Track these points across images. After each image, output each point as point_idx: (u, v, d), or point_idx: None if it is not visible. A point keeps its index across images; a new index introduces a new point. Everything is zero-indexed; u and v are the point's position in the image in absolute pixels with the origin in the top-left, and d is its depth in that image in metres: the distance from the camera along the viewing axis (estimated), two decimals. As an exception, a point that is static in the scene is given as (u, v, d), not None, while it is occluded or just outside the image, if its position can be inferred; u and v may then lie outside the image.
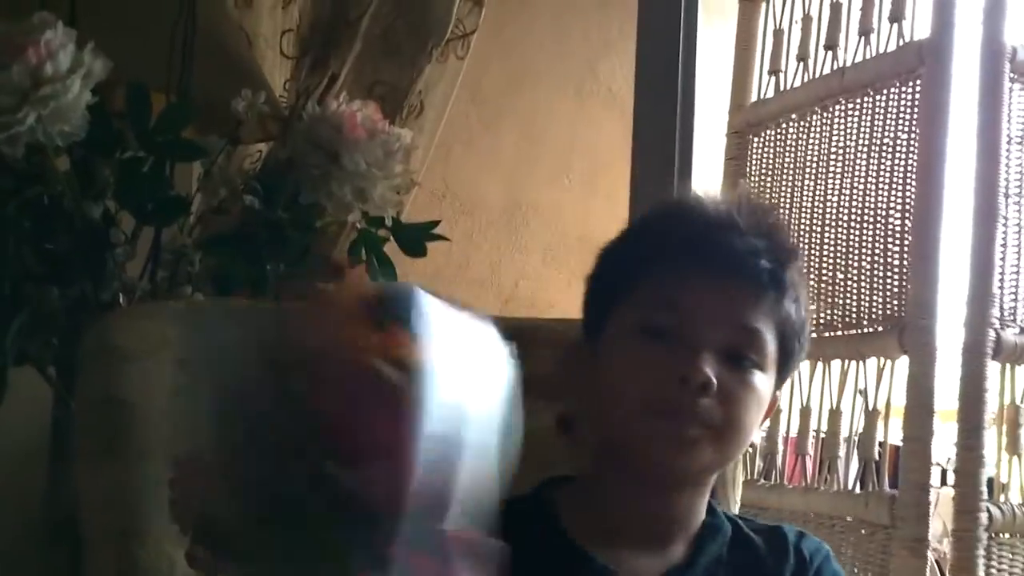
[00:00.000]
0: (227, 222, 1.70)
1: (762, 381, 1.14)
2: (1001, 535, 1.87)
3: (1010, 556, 1.89)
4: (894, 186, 2.05)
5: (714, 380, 1.09)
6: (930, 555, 1.95)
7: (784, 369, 1.18)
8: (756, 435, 1.18)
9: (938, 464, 2.00)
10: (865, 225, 2.11)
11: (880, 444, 2.05)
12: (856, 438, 2.09)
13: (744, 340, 1.13)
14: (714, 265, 1.13)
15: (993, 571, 1.86)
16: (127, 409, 1.37)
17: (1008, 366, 1.96)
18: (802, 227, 2.29)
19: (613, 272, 1.20)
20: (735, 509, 1.53)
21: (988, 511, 1.84)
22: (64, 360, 1.62)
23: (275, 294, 1.69)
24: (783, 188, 2.37)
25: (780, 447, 2.27)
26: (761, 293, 1.13)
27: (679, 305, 1.13)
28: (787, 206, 2.34)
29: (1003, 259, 1.93)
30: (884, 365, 2.02)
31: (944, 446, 2.60)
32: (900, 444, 1.96)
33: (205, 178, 1.70)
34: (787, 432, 2.27)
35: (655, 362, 1.11)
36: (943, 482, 2.81)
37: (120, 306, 1.59)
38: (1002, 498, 1.94)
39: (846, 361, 2.11)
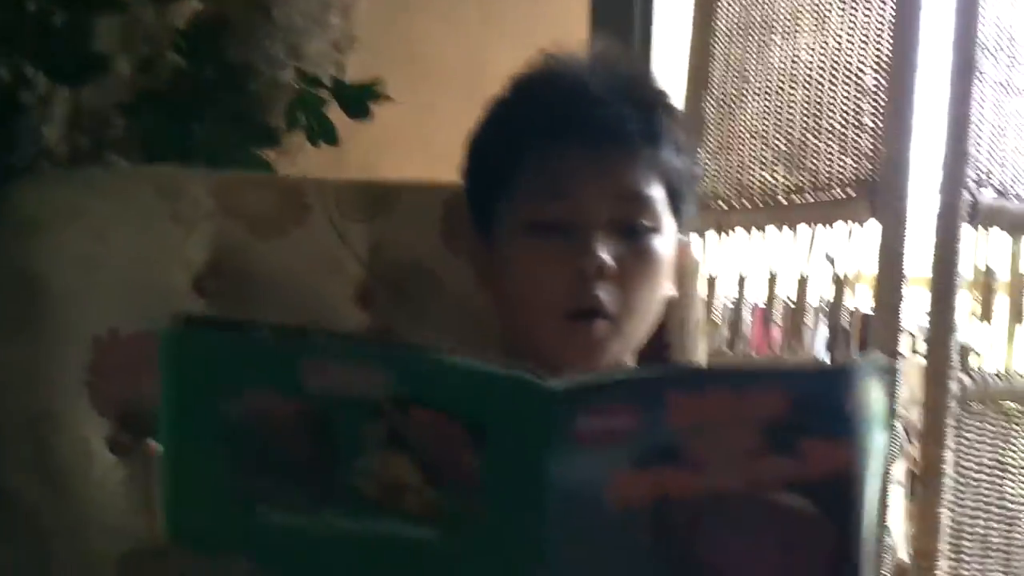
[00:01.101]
0: (152, 82, 1.58)
1: (660, 242, 1.13)
2: (972, 404, 1.81)
3: (979, 424, 1.83)
4: (868, 41, 1.95)
5: (611, 263, 1.08)
6: (898, 423, 1.89)
7: (680, 215, 1.16)
8: (670, 289, 1.17)
9: (908, 332, 1.92)
10: (837, 83, 2.01)
11: (849, 312, 1.97)
12: (824, 306, 2.01)
13: (632, 208, 1.11)
14: (585, 140, 1.10)
15: (963, 440, 1.80)
16: (39, 283, 1.29)
17: (983, 230, 1.87)
18: (771, 86, 2.18)
19: (485, 165, 1.18)
20: (700, 353, 1.46)
21: (959, 380, 1.76)
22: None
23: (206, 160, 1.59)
24: (752, 44, 2.26)
25: (746, 315, 2.19)
26: (637, 153, 1.11)
27: (560, 191, 1.11)
28: (755, 63, 2.23)
29: (980, 118, 1.83)
30: (853, 230, 1.92)
31: (915, 314, 2.53)
32: (870, 312, 1.88)
33: (126, 34, 1.58)
34: (753, 300, 2.19)
35: (548, 260, 1.10)
36: (913, 350, 2.75)
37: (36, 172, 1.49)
38: (974, 366, 1.87)
39: (814, 226, 2.02)
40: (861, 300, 1.99)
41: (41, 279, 1.29)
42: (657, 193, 1.12)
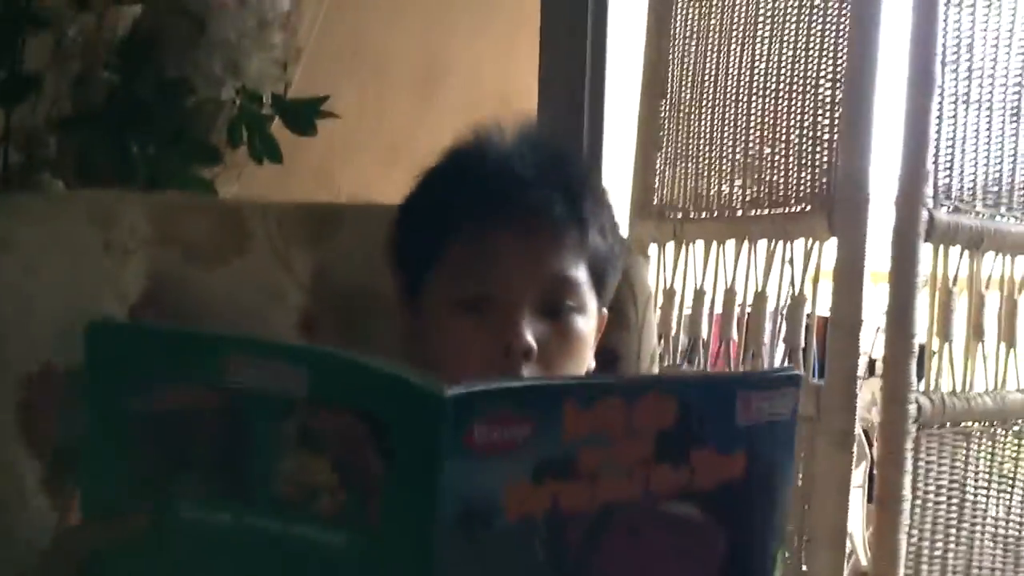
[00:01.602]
0: (85, 101, 1.53)
1: (583, 321, 1.14)
2: (931, 427, 1.77)
3: (938, 447, 1.80)
4: (824, 53, 1.90)
5: (534, 345, 1.09)
6: (858, 427, 1.86)
7: (603, 292, 1.19)
8: (590, 362, 1.19)
9: (866, 353, 1.88)
10: (794, 95, 1.97)
11: (807, 327, 1.94)
12: (783, 314, 1.97)
13: (557, 290, 1.13)
14: (513, 223, 1.12)
15: (921, 463, 1.77)
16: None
17: (941, 247, 1.83)
18: (728, 96, 2.14)
19: (413, 239, 1.19)
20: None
21: (917, 403, 1.73)
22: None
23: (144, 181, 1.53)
24: (708, 53, 2.21)
25: (704, 330, 2.16)
26: (563, 237, 1.13)
27: (487, 272, 1.12)
28: (712, 73, 2.19)
29: (938, 132, 1.79)
30: (812, 247, 1.89)
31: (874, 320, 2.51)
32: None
33: (57, 50, 1.52)
34: (711, 311, 2.16)
35: (473, 338, 1.10)
36: (871, 372, 2.72)
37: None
38: (932, 387, 1.84)
39: (772, 241, 1.98)
40: (822, 305, 1.95)
41: (-32, 315, 1.23)
42: (582, 275, 1.14)
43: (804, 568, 1.79)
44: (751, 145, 2.06)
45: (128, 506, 0.80)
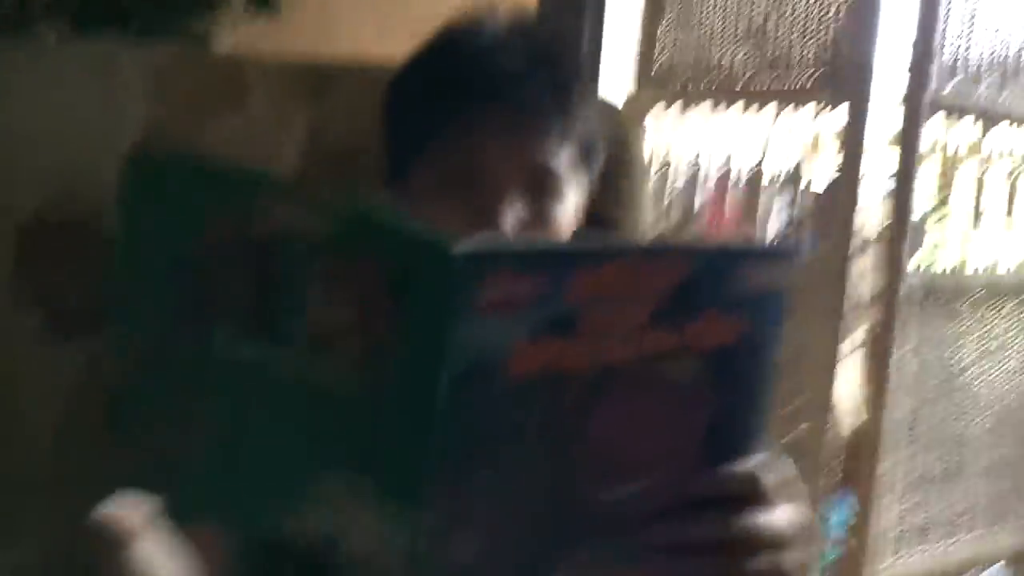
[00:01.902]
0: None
1: (568, 209, 1.16)
2: (923, 302, 1.78)
3: (931, 324, 1.81)
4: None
5: (515, 226, 1.10)
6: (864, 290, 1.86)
7: (589, 174, 1.20)
8: None
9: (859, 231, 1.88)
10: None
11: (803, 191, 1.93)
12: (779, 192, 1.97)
13: (542, 177, 1.14)
14: (498, 112, 1.12)
15: (912, 336, 1.78)
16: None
17: (947, 120, 1.82)
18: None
19: (403, 116, 1.19)
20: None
21: (908, 281, 1.74)
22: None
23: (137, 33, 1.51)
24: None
25: (700, 196, 2.14)
26: (551, 125, 1.13)
27: (473, 154, 1.12)
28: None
29: (949, 5, 1.76)
30: (817, 115, 1.87)
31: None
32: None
33: None
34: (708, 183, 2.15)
35: (455, 218, 1.11)
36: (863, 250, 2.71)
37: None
38: (928, 263, 1.85)
39: (779, 107, 1.96)
40: (819, 178, 1.95)
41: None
42: (566, 162, 1.15)
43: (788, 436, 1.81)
44: (756, 12, 2.03)
45: (162, 342, 0.80)
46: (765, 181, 1.99)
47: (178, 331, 0.80)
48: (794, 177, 1.91)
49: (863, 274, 2.63)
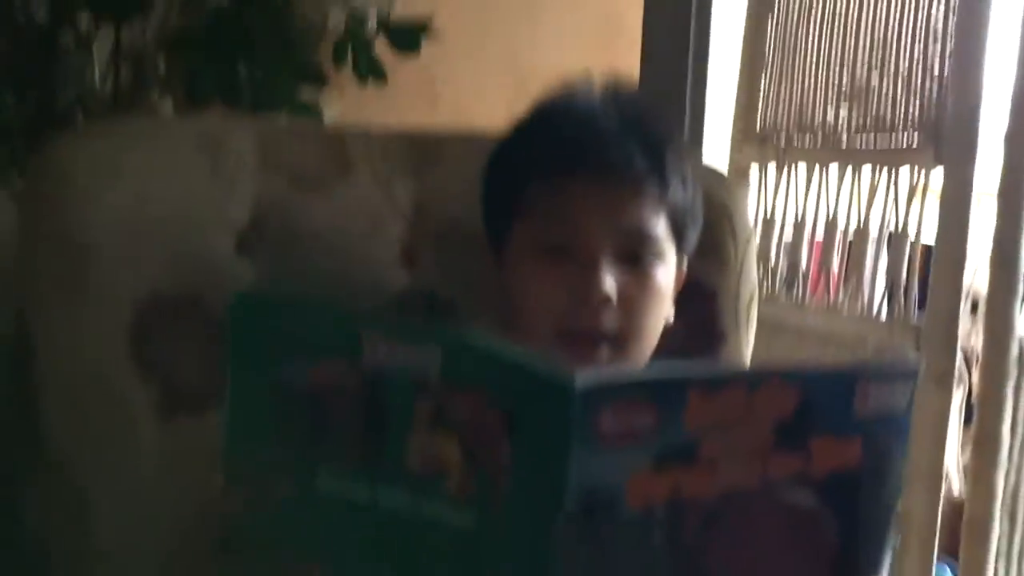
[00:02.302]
0: (194, 21, 1.54)
1: (662, 273, 1.18)
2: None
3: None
4: (940, -20, 1.85)
5: (613, 295, 1.13)
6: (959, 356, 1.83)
7: (683, 245, 1.22)
8: (669, 316, 1.22)
9: (966, 290, 1.84)
10: (905, 21, 1.92)
11: (909, 257, 1.91)
12: (884, 251, 1.95)
13: (637, 241, 1.16)
14: (594, 175, 1.15)
15: (1022, 405, 1.74)
16: (81, 245, 1.26)
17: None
18: (836, 18, 2.09)
19: (500, 189, 1.23)
20: (751, 325, 1.45)
21: (1020, 343, 1.71)
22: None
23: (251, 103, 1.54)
24: (819, -27, 2.16)
25: (804, 260, 2.13)
26: (644, 190, 1.16)
27: (567, 222, 1.15)
28: (822, -6, 2.14)
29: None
30: (918, 178, 1.85)
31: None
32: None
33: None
34: (812, 239, 2.13)
35: (556, 283, 1.14)
36: (974, 310, 2.66)
37: (76, 122, 1.45)
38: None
39: (877, 169, 1.95)
40: (926, 232, 1.92)
41: (82, 241, 1.25)
42: (661, 228, 1.18)
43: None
44: (859, 70, 2.02)
45: (270, 475, 0.82)
46: (871, 237, 1.97)
47: (285, 467, 0.82)
48: (900, 237, 1.89)
49: (970, 328, 2.59)
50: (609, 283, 1.13)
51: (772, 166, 2.21)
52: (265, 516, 0.84)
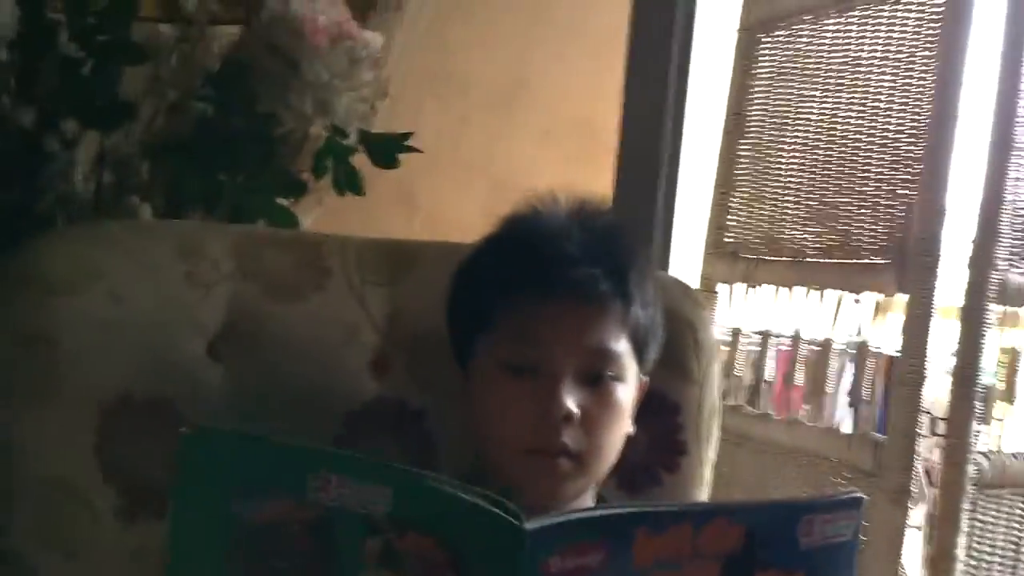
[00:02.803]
0: (178, 128, 1.57)
1: (623, 389, 1.21)
2: (990, 488, 1.78)
3: (996, 508, 1.80)
4: (908, 107, 1.91)
5: (575, 411, 1.16)
6: (920, 471, 1.86)
7: (643, 360, 1.25)
8: (629, 428, 1.25)
9: (927, 412, 1.88)
10: (873, 147, 1.98)
11: (872, 374, 1.94)
12: (849, 351, 1.98)
13: (598, 360, 1.19)
14: (559, 296, 1.18)
15: (978, 523, 1.77)
16: (55, 346, 1.28)
17: (1011, 308, 1.84)
18: (808, 140, 2.15)
19: (467, 302, 1.26)
20: (713, 439, 1.47)
21: (977, 463, 1.74)
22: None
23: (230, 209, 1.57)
24: (790, 95, 2.23)
25: (769, 373, 2.17)
26: (608, 309, 1.20)
27: (533, 340, 1.18)
28: (793, 117, 2.20)
29: (1015, 194, 1.79)
30: (882, 301, 1.90)
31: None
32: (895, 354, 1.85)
33: (153, 79, 1.56)
34: (776, 357, 2.17)
35: (518, 400, 1.17)
36: (932, 430, 2.69)
37: (56, 222, 1.48)
38: (993, 447, 1.84)
39: (841, 294, 1.99)
40: (888, 343, 1.95)
41: (55, 342, 1.28)
42: (623, 346, 1.21)
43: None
44: (827, 193, 2.07)
45: None
46: (835, 350, 2.01)
47: None
48: (862, 355, 1.93)
49: (932, 443, 2.62)
50: (571, 401, 1.16)
51: (740, 284, 2.26)
52: None
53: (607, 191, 2.38)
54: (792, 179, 2.18)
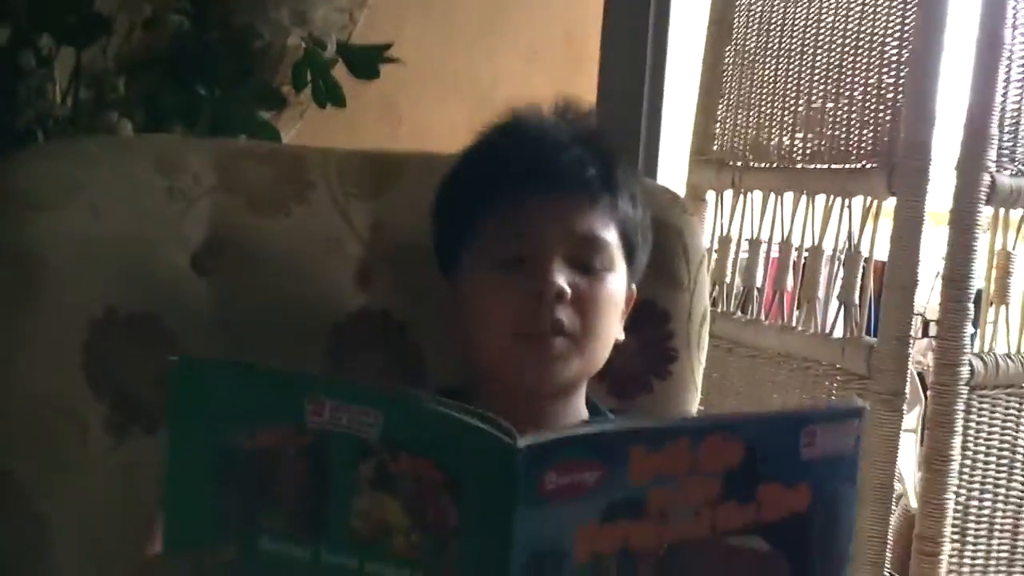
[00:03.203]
0: (154, 43, 1.55)
1: (613, 281, 1.20)
2: (983, 388, 1.78)
3: (990, 409, 1.80)
4: (892, 11, 1.88)
5: (567, 288, 1.14)
6: (912, 372, 1.86)
7: (633, 263, 1.24)
8: (619, 332, 1.24)
9: (919, 314, 1.87)
10: (859, 52, 1.95)
11: (862, 280, 1.94)
12: (838, 271, 1.97)
13: (588, 248, 1.18)
14: (547, 186, 1.17)
15: (972, 424, 1.77)
16: (36, 261, 1.27)
17: (1002, 211, 1.83)
18: (793, 46, 2.13)
19: (454, 210, 1.25)
20: (703, 345, 1.46)
21: (971, 364, 1.74)
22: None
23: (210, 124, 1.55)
24: (775, 3, 2.19)
25: (759, 280, 2.16)
26: (595, 198, 1.19)
27: (523, 232, 1.17)
28: (778, 22, 2.17)
29: (1004, 96, 1.77)
30: (871, 205, 1.88)
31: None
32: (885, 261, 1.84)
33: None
34: (767, 260, 2.16)
35: (511, 290, 1.16)
36: (924, 332, 2.70)
37: (34, 140, 1.46)
38: (987, 347, 1.84)
39: (831, 197, 1.98)
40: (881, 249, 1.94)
41: (38, 258, 1.27)
42: (611, 238, 1.20)
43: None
44: (814, 99, 2.05)
45: (212, 539, 0.82)
46: (825, 256, 2.00)
47: (228, 530, 0.82)
48: (853, 259, 1.92)
49: (925, 346, 2.62)
50: (562, 280, 1.15)
51: (728, 192, 2.24)
52: None
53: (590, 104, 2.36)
54: (778, 85, 2.15)
